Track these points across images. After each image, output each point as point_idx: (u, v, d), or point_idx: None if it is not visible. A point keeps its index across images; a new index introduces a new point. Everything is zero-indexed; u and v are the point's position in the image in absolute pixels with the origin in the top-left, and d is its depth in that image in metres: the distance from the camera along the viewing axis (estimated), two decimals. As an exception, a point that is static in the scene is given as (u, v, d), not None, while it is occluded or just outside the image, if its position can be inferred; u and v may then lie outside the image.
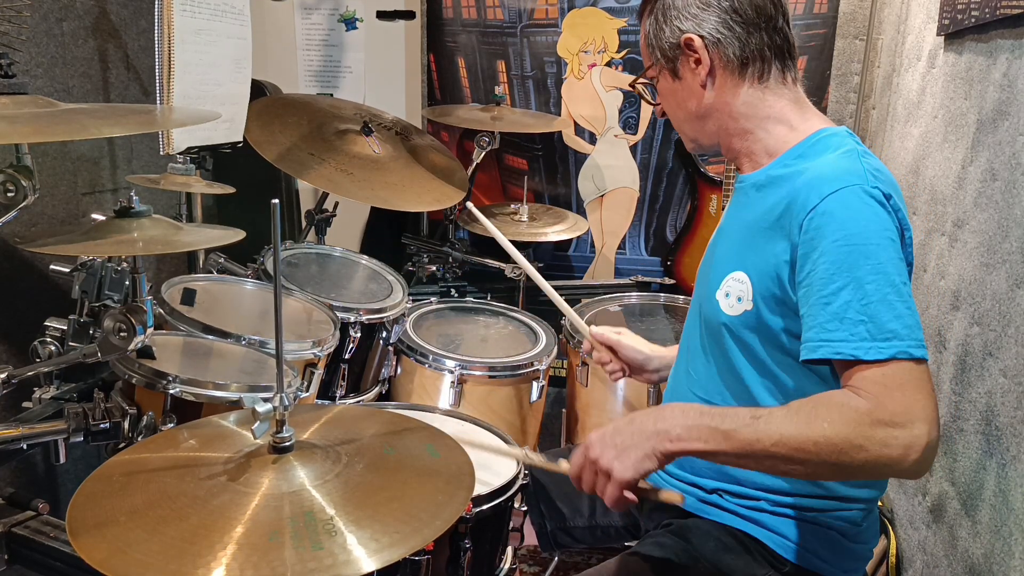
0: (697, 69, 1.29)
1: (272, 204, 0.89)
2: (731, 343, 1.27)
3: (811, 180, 1.16)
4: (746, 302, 1.23)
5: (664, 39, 1.31)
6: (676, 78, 1.33)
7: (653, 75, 1.36)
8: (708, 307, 1.31)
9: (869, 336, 1.06)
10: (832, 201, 1.11)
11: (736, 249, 1.28)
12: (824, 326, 1.09)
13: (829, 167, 1.17)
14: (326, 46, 3.14)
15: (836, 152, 1.20)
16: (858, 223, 1.10)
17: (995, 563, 1.33)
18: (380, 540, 0.87)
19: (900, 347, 1.05)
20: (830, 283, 1.09)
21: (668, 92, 1.35)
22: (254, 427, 0.97)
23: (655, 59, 1.34)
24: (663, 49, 1.32)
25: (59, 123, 1.17)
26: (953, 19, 1.79)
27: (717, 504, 1.32)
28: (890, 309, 1.07)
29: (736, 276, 1.25)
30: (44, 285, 1.92)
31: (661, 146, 2.97)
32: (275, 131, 2.26)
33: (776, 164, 1.27)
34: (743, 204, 1.33)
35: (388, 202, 2.32)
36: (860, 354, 1.06)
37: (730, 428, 1.08)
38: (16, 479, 1.86)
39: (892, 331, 1.06)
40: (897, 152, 2.27)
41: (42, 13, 1.91)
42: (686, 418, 1.12)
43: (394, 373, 2.16)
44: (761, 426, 1.07)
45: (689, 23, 1.28)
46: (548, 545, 1.57)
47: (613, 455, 1.13)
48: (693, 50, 1.28)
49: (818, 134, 1.26)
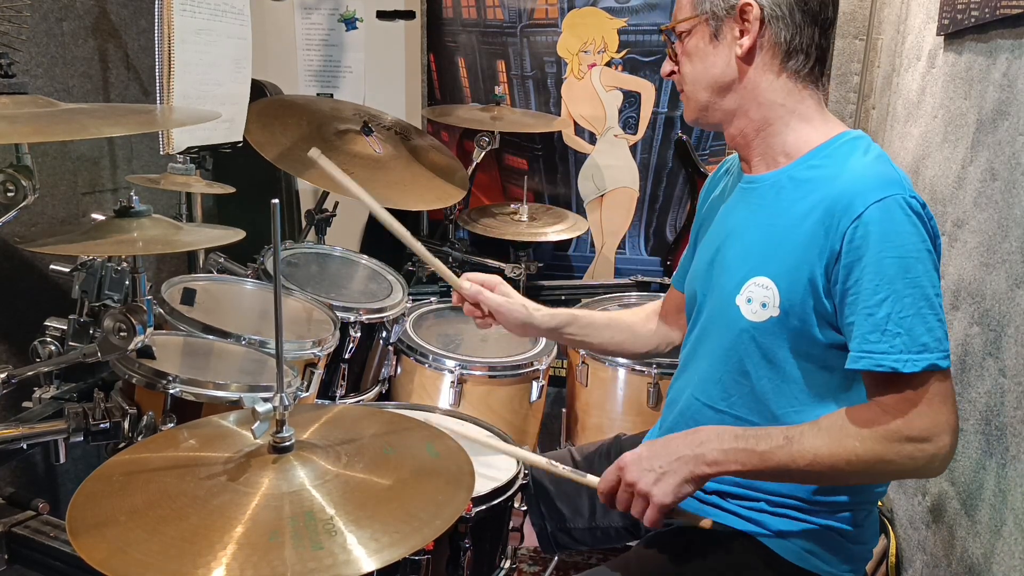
0: (741, 39, 1.23)
1: (272, 204, 0.89)
2: (751, 348, 1.25)
3: (851, 186, 1.15)
4: (772, 308, 1.21)
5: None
6: (714, 40, 1.25)
7: (688, 28, 1.27)
8: (725, 313, 1.28)
9: (905, 349, 1.10)
10: (876, 211, 1.11)
11: (757, 253, 1.25)
12: (866, 337, 1.12)
13: (868, 173, 1.16)
14: (326, 46, 3.14)
15: (868, 156, 1.19)
16: (901, 235, 1.11)
17: (995, 563, 1.33)
18: (380, 540, 0.87)
19: (931, 359, 1.10)
20: (875, 294, 1.11)
21: (697, 51, 1.27)
22: (254, 427, 0.97)
23: (701, 11, 1.25)
24: (715, 4, 1.23)
25: (59, 123, 1.17)
26: (953, 19, 1.79)
27: (716, 505, 1.32)
28: (923, 322, 1.10)
29: (759, 282, 1.23)
30: (44, 285, 1.92)
31: (661, 146, 2.97)
32: (275, 131, 2.26)
33: (799, 165, 1.24)
34: (758, 205, 1.29)
35: (389, 201, 2.31)
36: (899, 367, 1.10)
37: (765, 450, 1.14)
38: (16, 479, 1.86)
39: (924, 344, 1.10)
40: (897, 152, 2.27)
41: (42, 13, 1.91)
42: (721, 442, 1.16)
43: (394, 373, 2.16)
44: (795, 448, 1.13)
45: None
46: (548, 546, 1.57)
47: (652, 480, 1.17)
48: (747, 18, 1.22)
49: (842, 136, 1.24)
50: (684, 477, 1.16)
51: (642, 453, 1.21)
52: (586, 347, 1.66)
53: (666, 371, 1.99)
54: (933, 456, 1.11)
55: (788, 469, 1.14)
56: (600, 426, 2.11)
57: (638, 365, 2.04)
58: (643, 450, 1.22)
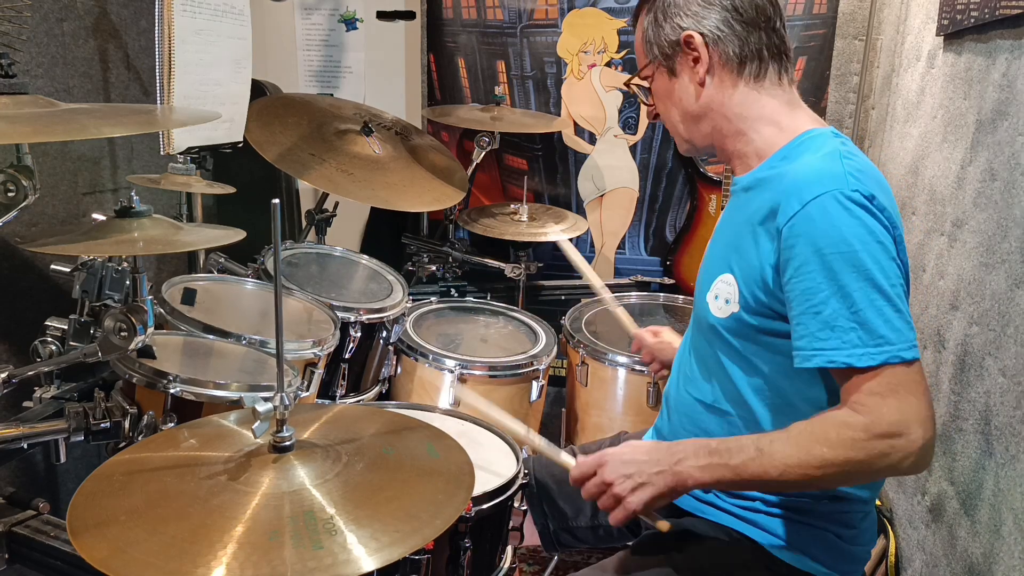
0: (696, 67, 1.29)
1: (272, 204, 0.89)
2: (720, 344, 1.28)
3: (791, 184, 1.16)
4: (733, 304, 1.24)
5: (663, 36, 1.30)
6: (673, 76, 1.32)
7: (648, 74, 1.36)
8: (700, 309, 1.32)
9: (860, 343, 1.08)
10: (812, 208, 1.12)
11: (725, 251, 1.29)
12: (816, 335, 1.11)
13: (809, 171, 1.16)
14: (326, 46, 3.14)
15: (817, 153, 1.20)
16: (839, 230, 1.10)
17: (994, 562, 1.34)
18: (380, 539, 0.87)
19: (891, 351, 1.08)
20: (818, 292, 1.10)
21: (664, 92, 1.35)
22: (254, 426, 0.97)
23: (652, 57, 1.34)
24: (661, 46, 1.31)
25: (59, 123, 1.17)
26: (952, 19, 1.79)
27: (713, 504, 1.33)
28: (879, 314, 1.08)
29: (724, 278, 1.26)
30: (44, 285, 1.92)
31: (661, 146, 2.97)
32: (275, 131, 2.26)
33: (763, 167, 1.27)
34: (734, 207, 1.34)
35: (388, 202, 2.32)
36: (853, 361, 1.08)
37: (738, 464, 1.14)
38: (16, 478, 1.86)
39: (882, 336, 1.08)
40: (896, 152, 2.27)
41: (42, 13, 1.91)
42: (698, 459, 1.17)
43: (394, 373, 2.16)
44: (766, 460, 1.13)
45: (690, 20, 1.27)
46: (551, 545, 1.58)
47: (629, 487, 1.18)
48: (693, 48, 1.28)
49: (804, 135, 1.26)
50: (661, 490, 1.17)
51: (624, 455, 1.21)
52: None
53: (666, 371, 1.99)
54: (906, 452, 1.07)
55: (763, 480, 1.14)
56: (600, 426, 2.12)
57: (637, 365, 2.04)
58: (625, 452, 1.22)
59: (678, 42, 1.29)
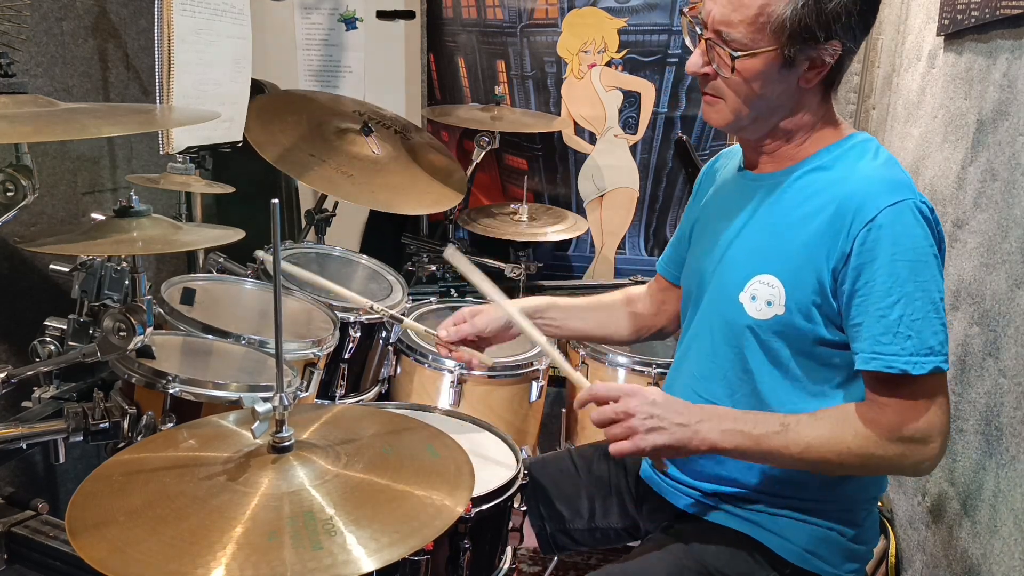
0: (812, 71, 1.19)
1: (272, 204, 0.89)
2: (754, 346, 1.26)
3: (862, 189, 1.15)
4: (777, 307, 1.22)
5: (813, 35, 1.15)
6: (784, 68, 1.18)
7: (759, 54, 1.17)
8: (727, 310, 1.28)
9: (915, 351, 1.12)
10: (889, 215, 1.12)
11: (762, 251, 1.25)
12: (878, 339, 1.13)
13: (880, 177, 1.17)
14: (326, 46, 3.14)
15: (877, 160, 1.20)
16: (912, 239, 1.12)
17: (994, 563, 1.33)
18: (379, 540, 0.87)
19: (936, 362, 1.12)
20: (887, 296, 1.12)
21: (757, 74, 1.19)
22: (254, 427, 0.97)
23: (779, 44, 1.16)
24: (803, 42, 1.15)
25: (59, 123, 1.17)
26: (953, 19, 1.79)
27: (716, 506, 1.32)
28: (930, 325, 1.12)
29: (764, 279, 1.23)
30: (44, 285, 1.92)
31: (661, 146, 2.97)
32: (275, 131, 2.26)
33: (805, 165, 1.25)
34: (762, 203, 1.28)
35: (388, 205, 2.31)
36: (909, 368, 1.12)
37: (761, 434, 1.16)
38: (16, 479, 1.85)
39: (931, 347, 1.12)
40: (897, 152, 2.27)
41: (42, 12, 1.91)
42: (721, 423, 1.18)
43: (394, 373, 2.16)
44: (790, 436, 1.16)
45: (846, 32, 1.16)
46: (548, 547, 1.57)
47: (648, 425, 1.17)
48: (829, 55, 1.17)
49: (851, 139, 1.24)
50: (676, 441, 1.17)
51: (653, 396, 1.19)
52: (567, 334, 1.62)
53: (665, 371, 1.98)
54: (923, 457, 1.14)
55: (780, 455, 1.17)
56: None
57: (637, 365, 2.04)
58: (656, 394, 1.20)
59: (821, 47, 1.16)
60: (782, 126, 1.25)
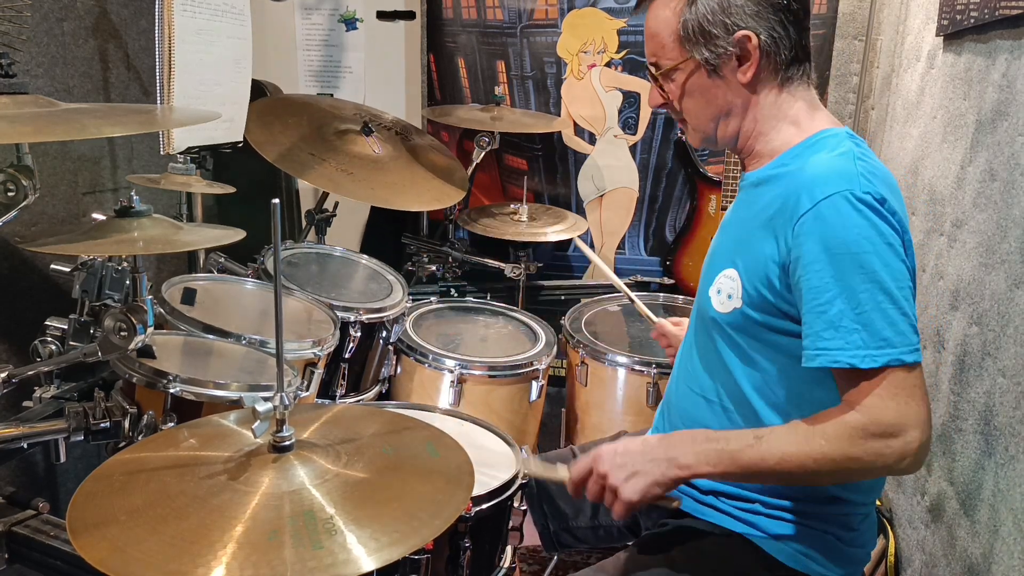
0: (742, 68, 1.23)
1: (272, 204, 0.89)
2: (720, 339, 1.28)
3: (803, 182, 1.16)
4: (736, 300, 1.23)
5: (713, 34, 1.21)
6: (714, 75, 1.25)
7: (680, 69, 1.26)
8: (702, 303, 1.32)
9: (863, 344, 1.09)
10: (823, 207, 1.11)
11: (730, 246, 1.29)
12: (820, 335, 1.11)
13: (822, 169, 1.16)
14: (326, 46, 3.14)
15: (832, 153, 1.19)
16: (849, 230, 1.10)
17: (994, 563, 1.34)
18: (380, 539, 0.87)
19: (893, 354, 1.08)
20: (825, 292, 1.11)
21: (696, 88, 1.27)
22: (254, 426, 0.97)
23: (692, 53, 1.24)
24: (706, 43, 1.22)
25: (59, 123, 1.17)
26: (952, 20, 1.79)
27: (713, 506, 1.32)
28: (883, 316, 1.09)
29: (728, 273, 1.25)
30: (44, 285, 1.92)
31: (660, 146, 2.97)
32: (275, 131, 2.27)
33: (774, 163, 1.27)
34: (742, 202, 1.33)
35: (388, 201, 2.32)
36: (856, 362, 1.09)
37: (735, 450, 1.15)
38: (16, 478, 1.86)
39: (885, 339, 1.08)
40: (896, 152, 2.27)
41: (42, 13, 1.91)
42: (694, 444, 1.18)
43: (394, 373, 2.16)
44: (764, 447, 1.13)
45: (749, 20, 1.20)
46: (551, 545, 1.58)
47: (624, 476, 1.19)
48: (746, 49, 1.21)
49: (819, 135, 1.25)
50: (655, 479, 1.17)
51: (618, 448, 1.22)
52: None
53: (665, 371, 1.99)
54: (903, 452, 1.08)
55: (759, 468, 1.14)
56: (599, 426, 2.12)
57: (637, 365, 2.04)
58: (619, 445, 1.22)
59: (732, 42, 1.21)
60: (746, 126, 1.28)
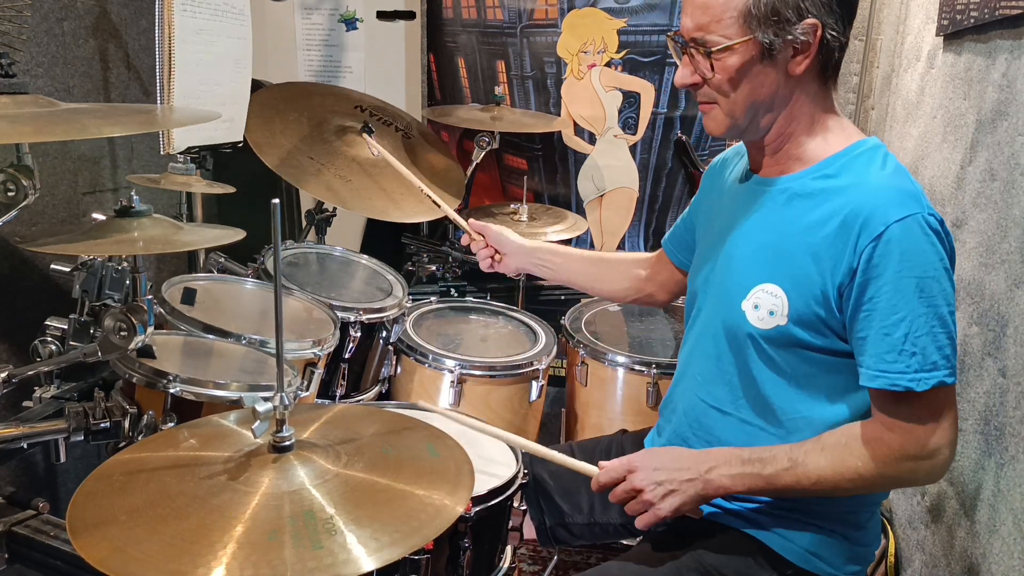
0: (796, 59, 1.18)
1: (272, 204, 0.89)
2: (754, 355, 1.26)
3: (870, 201, 1.14)
4: (779, 317, 1.21)
5: (785, 16, 1.15)
6: (767, 59, 1.17)
7: (741, 51, 1.18)
8: (729, 316, 1.28)
9: (919, 368, 1.12)
10: (897, 230, 1.11)
11: (767, 259, 1.24)
12: (883, 356, 1.13)
13: (888, 188, 1.15)
14: (326, 46, 3.14)
15: (886, 169, 1.18)
16: (920, 255, 1.11)
17: (993, 563, 1.34)
18: (380, 539, 0.87)
19: (939, 377, 1.12)
20: (892, 314, 1.12)
21: (742, 70, 1.18)
22: (254, 426, 0.97)
23: (755, 34, 1.16)
24: (776, 26, 1.15)
25: (59, 123, 1.17)
26: (952, 19, 1.79)
27: (718, 505, 1.32)
28: (934, 341, 1.12)
29: (768, 288, 1.22)
30: (44, 284, 1.92)
31: (660, 146, 2.97)
32: (275, 131, 2.26)
33: (813, 172, 1.23)
34: (769, 210, 1.27)
35: (385, 213, 2.28)
36: (913, 386, 1.12)
37: (771, 474, 1.19)
38: (16, 478, 1.86)
39: (934, 362, 1.12)
40: (896, 152, 2.26)
41: (42, 13, 1.91)
42: (730, 468, 1.21)
43: (394, 373, 2.16)
44: (800, 471, 1.17)
45: (820, 9, 1.15)
46: (546, 539, 1.58)
47: (660, 494, 1.22)
48: (809, 40, 1.16)
49: (859, 145, 1.22)
50: (690, 498, 1.21)
51: (655, 462, 1.24)
52: (560, 279, 1.72)
53: (665, 371, 1.99)
54: (933, 470, 1.16)
55: (794, 491, 1.19)
56: (599, 425, 2.12)
57: (637, 365, 2.04)
58: (655, 459, 1.25)
59: (799, 28, 1.15)
60: (780, 123, 1.24)
